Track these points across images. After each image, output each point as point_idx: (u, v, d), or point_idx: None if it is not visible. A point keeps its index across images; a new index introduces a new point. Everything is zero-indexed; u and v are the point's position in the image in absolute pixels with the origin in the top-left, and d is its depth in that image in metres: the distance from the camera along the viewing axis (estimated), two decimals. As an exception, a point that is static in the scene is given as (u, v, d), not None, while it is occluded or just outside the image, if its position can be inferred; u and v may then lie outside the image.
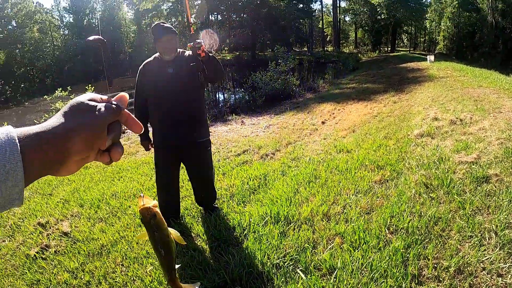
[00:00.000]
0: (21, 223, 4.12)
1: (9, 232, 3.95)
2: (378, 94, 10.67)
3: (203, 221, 3.43)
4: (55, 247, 3.39)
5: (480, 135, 4.62)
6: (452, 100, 7.26)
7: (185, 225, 3.41)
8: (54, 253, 3.29)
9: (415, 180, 3.52)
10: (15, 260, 3.27)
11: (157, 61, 3.14)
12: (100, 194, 4.62)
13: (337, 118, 8.69)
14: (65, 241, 3.48)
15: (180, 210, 3.51)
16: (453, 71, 13.35)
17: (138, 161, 6.21)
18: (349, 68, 23.71)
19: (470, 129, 4.91)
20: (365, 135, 6.12)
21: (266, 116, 9.99)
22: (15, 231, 3.95)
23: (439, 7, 45.54)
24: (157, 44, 3.06)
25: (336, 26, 52.88)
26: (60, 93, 11.42)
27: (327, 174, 4.11)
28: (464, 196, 3.05)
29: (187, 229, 3.33)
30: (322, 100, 11.40)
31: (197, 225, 3.38)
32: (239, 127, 8.78)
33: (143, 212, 0.69)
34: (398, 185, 3.52)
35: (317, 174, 4.18)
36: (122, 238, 3.35)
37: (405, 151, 4.52)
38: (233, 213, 3.51)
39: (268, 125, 8.49)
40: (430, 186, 3.36)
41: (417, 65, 17.70)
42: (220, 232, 3.11)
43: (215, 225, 3.25)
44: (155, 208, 0.70)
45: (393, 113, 7.53)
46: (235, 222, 3.26)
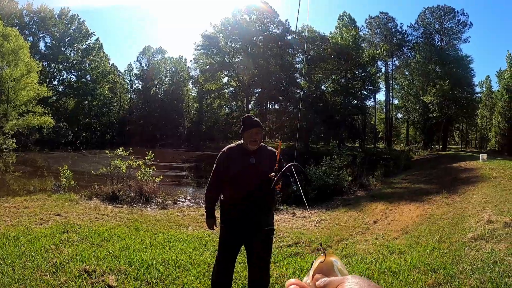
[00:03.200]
0: (66, 264, 4.27)
1: (52, 268, 4.10)
2: (431, 195, 10.59)
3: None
4: (99, 297, 3.45)
5: (536, 239, 4.58)
6: (506, 201, 7.16)
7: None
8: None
9: (469, 284, 3.55)
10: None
11: (240, 148, 3.36)
12: (150, 258, 4.72)
13: (389, 218, 8.69)
14: (110, 294, 3.54)
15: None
16: (507, 169, 13.04)
17: (190, 234, 6.36)
18: (400, 167, 23.60)
19: (526, 232, 4.88)
20: (418, 237, 6.13)
21: (317, 210, 10.11)
22: (59, 269, 4.08)
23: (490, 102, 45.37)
24: (245, 133, 3.28)
25: (388, 122, 53.71)
26: (121, 152, 11.95)
27: (379, 275, 4.15)
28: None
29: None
30: (373, 199, 11.42)
31: (247, 309, 3.43)
32: (290, 218, 8.87)
33: None
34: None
35: (369, 273, 4.23)
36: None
37: (459, 255, 4.53)
38: (283, 302, 3.56)
39: (320, 220, 8.61)
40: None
41: (469, 164, 17.38)
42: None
43: (265, 312, 3.29)
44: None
45: (446, 215, 7.48)
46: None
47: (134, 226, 6.75)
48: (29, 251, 4.69)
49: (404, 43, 51.57)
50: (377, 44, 52.60)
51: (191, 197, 11.90)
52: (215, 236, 6.00)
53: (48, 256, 4.55)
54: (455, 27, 47.05)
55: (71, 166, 13.87)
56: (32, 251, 4.70)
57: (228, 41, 47.29)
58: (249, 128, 3.30)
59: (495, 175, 11.76)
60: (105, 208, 8.61)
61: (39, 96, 31.92)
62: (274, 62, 46.16)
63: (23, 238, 5.33)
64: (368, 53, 47.65)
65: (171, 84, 58.91)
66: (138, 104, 57.93)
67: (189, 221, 7.72)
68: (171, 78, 59.52)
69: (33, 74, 30.82)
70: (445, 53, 45.03)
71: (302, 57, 44.50)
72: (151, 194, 10.29)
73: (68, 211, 7.75)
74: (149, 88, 56.94)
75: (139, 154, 12.91)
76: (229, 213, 3.38)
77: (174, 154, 37.39)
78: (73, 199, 9.28)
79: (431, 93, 40.28)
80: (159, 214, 8.37)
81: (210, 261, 4.69)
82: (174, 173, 21.87)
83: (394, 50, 52.20)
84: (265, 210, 3.36)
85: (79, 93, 48.24)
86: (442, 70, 42.77)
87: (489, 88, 50.53)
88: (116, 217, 7.64)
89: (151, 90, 57.22)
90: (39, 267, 4.17)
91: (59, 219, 6.90)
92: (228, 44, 47.46)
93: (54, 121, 33.99)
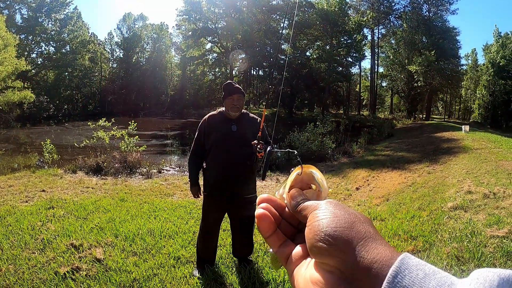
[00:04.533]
0: (53, 240, 4.33)
1: (40, 245, 4.16)
2: (413, 164, 10.81)
3: (237, 271, 3.60)
4: (86, 270, 3.54)
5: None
6: (486, 173, 7.37)
7: (219, 273, 3.56)
8: (85, 276, 3.44)
9: (447, 252, 3.68)
10: (43, 274, 3.45)
11: (222, 116, 3.39)
12: (135, 228, 4.81)
13: (371, 185, 8.89)
14: (97, 267, 3.63)
15: (215, 258, 3.70)
16: (488, 142, 13.35)
17: (175, 203, 6.45)
18: (384, 135, 23.92)
19: (503, 203, 5.03)
20: (399, 204, 6.30)
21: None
22: (47, 246, 4.15)
23: (475, 75, 45.89)
24: (226, 100, 3.32)
25: (373, 90, 53.98)
26: (104, 123, 11.65)
27: (361, 241, 4.29)
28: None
29: (221, 277, 3.49)
30: (356, 166, 11.63)
31: (231, 274, 3.55)
32: (274, 184, 8.98)
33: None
34: (430, 256, 3.70)
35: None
36: (155, 275, 3.51)
37: (438, 223, 4.68)
38: (267, 267, 3.62)
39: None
40: (461, 259, 3.52)
41: (452, 135, 17.71)
42: (254, 285, 3.28)
43: (249, 277, 3.42)
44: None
45: (427, 183, 7.68)
46: (269, 276, 3.43)
47: (119, 197, 6.75)
48: (16, 230, 4.70)
49: (391, 11, 51.06)
50: (364, 12, 51.93)
51: (176, 165, 11.89)
52: (200, 204, 6.04)
53: (35, 234, 4.56)
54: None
55: (54, 140, 13.63)
56: (19, 230, 4.71)
57: (211, 6, 45.93)
58: (230, 94, 3.30)
59: (476, 146, 12.03)
60: (89, 180, 8.56)
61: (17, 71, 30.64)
62: (258, 28, 45.28)
63: (9, 217, 5.31)
64: (354, 21, 47.00)
65: (153, 52, 57.49)
66: (119, 73, 56.52)
67: (173, 189, 7.78)
68: (153, 45, 58.02)
69: (10, 48, 29.46)
70: (432, 24, 44.71)
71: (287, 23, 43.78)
72: (135, 164, 10.25)
73: (52, 187, 7.68)
74: (130, 56, 55.47)
75: (122, 124, 12.72)
76: (211, 181, 3.41)
77: (157, 122, 37.02)
78: (57, 174, 9.18)
79: (416, 62, 40.33)
80: (144, 184, 8.38)
81: (195, 229, 4.78)
82: (158, 142, 21.75)
83: (381, 18, 51.71)
84: (247, 177, 3.38)
85: (58, 65, 46.47)
86: (429, 41, 42.66)
87: (474, 61, 50.85)
88: (101, 189, 7.62)
89: (132, 58, 55.80)
90: (27, 245, 4.19)
91: (44, 195, 6.84)
92: (211, 9, 46.12)
93: (35, 95, 32.90)
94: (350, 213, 0.39)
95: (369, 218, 0.40)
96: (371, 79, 55.99)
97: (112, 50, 58.34)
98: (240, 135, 3.33)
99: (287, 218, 0.48)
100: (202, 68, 55.94)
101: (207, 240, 3.54)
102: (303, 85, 44.33)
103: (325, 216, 0.39)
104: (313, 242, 0.39)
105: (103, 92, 53.40)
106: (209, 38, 48.38)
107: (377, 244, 0.36)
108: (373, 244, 0.36)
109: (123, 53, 56.43)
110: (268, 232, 0.46)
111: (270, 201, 0.48)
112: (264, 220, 0.46)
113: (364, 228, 0.38)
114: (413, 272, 0.32)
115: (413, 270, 0.32)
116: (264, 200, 0.48)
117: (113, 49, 58.24)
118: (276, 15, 46.72)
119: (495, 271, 0.30)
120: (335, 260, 0.36)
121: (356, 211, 0.41)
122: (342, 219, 0.38)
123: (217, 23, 47.16)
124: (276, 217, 0.48)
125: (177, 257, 3.95)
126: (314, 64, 45.25)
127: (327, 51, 45.11)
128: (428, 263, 0.34)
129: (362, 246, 0.36)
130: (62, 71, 47.84)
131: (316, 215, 0.40)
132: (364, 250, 0.35)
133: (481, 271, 0.31)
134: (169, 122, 38.40)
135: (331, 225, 0.38)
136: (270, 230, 0.46)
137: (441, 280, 0.31)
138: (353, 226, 0.38)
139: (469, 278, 0.31)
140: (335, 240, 0.37)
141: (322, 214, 0.40)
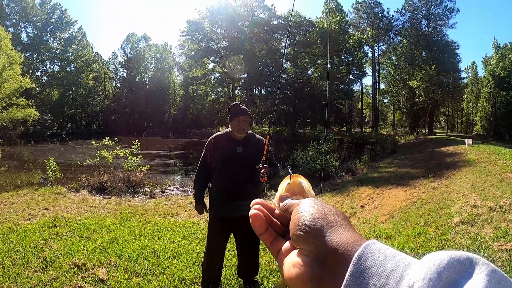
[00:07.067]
0: (56, 259, 4.28)
1: (42, 264, 4.12)
2: (417, 179, 10.74)
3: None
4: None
5: (519, 222, 4.69)
6: (491, 186, 7.31)
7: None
8: (88, 296, 3.37)
9: (455, 268, 3.62)
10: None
11: (228, 136, 3.42)
12: (139, 248, 4.77)
13: (376, 202, 8.81)
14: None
15: (221, 278, 3.65)
16: (492, 154, 13.27)
17: (179, 223, 6.41)
18: (387, 151, 23.86)
19: (510, 216, 4.97)
20: (405, 221, 6.24)
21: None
22: (49, 265, 4.10)
23: (476, 87, 46.08)
24: (233, 121, 3.34)
25: (375, 107, 54.14)
26: (107, 142, 11.60)
27: (367, 259, 4.24)
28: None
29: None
30: (360, 183, 11.55)
31: (237, 296, 3.49)
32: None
33: None
34: (438, 273, 3.64)
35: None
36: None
37: (445, 239, 4.63)
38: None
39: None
40: (469, 275, 3.47)
41: (455, 149, 17.63)
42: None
43: (255, 299, 3.36)
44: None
45: (432, 199, 7.61)
46: (274, 297, 3.42)
47: (123, 217, 6.72)
48: (19, 248, 4.67)
49: (390, 28, 51.63)
50: (364, 29, 52.59)
51: (179, 185, 11.84)
52: (204, 224, 6.02)
53: (38, 252, 4.53)
54: (442, 12, 47.14)
55: (57, 158, 13.64)
56: (21, 248, 4.67)
57: (214, 27, 46.72)
58: (236, 115, 3.33)
59: (480, 159, 11.96)
60: (92, 199, 8.54)
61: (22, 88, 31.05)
62: (260, 47, 45.84)
63: (11, 234, 5.29)
64: (355, 38, 47.61)
65: (156, 72, 58.00)
66: (123, 93, 57.00)
67: (177, 209, 7.74)
68: (156, 65, 58.56)
69: (16, 66, 29.92)
70: (431, 39, 45.28)
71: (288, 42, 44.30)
72: (138, 184, 10.22)
73: (55, 205, 7.66)
74: (134, 76, 55.97)
75: (126, 143, 12.76)
76: (216, 201, 3.42)
77: (161, 142, 37.13)
78: (60, 192, 9.16)
79: (417, 78, 40.63)
80: (147, 204, 8.35)
81: (200, 249, 4.73)
82: (162, 161, 21.68)
83: (381, 35, 52.28)
84: (251, 197, 3.35)
85: (63, 83, 47.16)
86: (429, 56, 43.12)
87: (475, 73, 51.23)
88: (104, 209, 7.59)
89: (136, 78, 56.29)
90: (29, 264, 4.15)
91: (47, 214, 6.83)
92: (214, 29, 46.90)
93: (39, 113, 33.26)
94: (325, 207, 0.47)
95: (342, 212, 0.47)
96: (372, 95, 56.22)
97: (115, 69, 58.98)
98: (245, 156, 3.35)
99: (278, 218, 0.56)
100: (204, 88, 56.44)
101: (213, 260, 3.51)
102: (305, 103, 44.52)
103: (304, 210, 0.47)
104: (293, 232, 0.46)
105: (106, 111, 53.80)
106: (212, 58, 49.00)
107: (344, 231, 0.43)
108: (341, 230, 0.43)
109: (126, 72, 56.98)
110: (261, 230, 0.54)
111: (262, 204, 0.56)
112: (257, 219, 0.54)
113: (335, 218, 0.45)
114: (375, 255, 0.37)
115: (375, 253, 0.38)
116: (257, 203, 0.56)
117: (116, 69, 58.87)
118: (277, 34, 47.32)
119: (448, 252, 0.34)
120: (310, 245, 0.43)
121: (331, 206, 0.48)
122: (317, 212, 0.46)
123: (219, 43, 47.83)
124: (268, 216, 0.55)
125: (181, 278, 3.90)
126: (316, 82, 45.58)
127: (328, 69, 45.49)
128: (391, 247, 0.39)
129: (331, 232, 0.43)
130: (66, 90, 48.57)
131: (297, 210, 0.48)
132: (333, 235, 0.42)
133: (436, 252, 0.35)
134: (172, 141, 38.55)
135: (308, 217, 0.45)
136: (263, 228, 0.54)
137: (400, 261, 0.36)
138: (326, 217, 0.45)
139: (424, 258, 0.35)
140: (310, 229, 0.44)
141: (302, 209, 0.47)
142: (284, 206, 0.53)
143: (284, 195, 0.56)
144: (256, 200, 0.57)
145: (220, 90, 57.54)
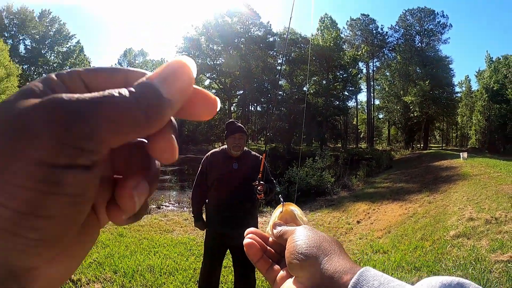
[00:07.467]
0: None
1: None
2: (413, 194, 10.77)
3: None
4: (84, 306, 3.39)
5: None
6: (487, 198, 7.34)
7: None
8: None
9: (452, 282, 3.61)
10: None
11: (224, 153, 3.44)
12: (135, 264, 4.73)
13: (372, 218, 8.81)
14: (95, 303, 3.50)
15: None
16: (487, 167, 13.37)
17: (175, 239, 6.39)
18: (382, 167, 23.91)
19: (506, 228, 5.00)
20: (401, 236, 6.24)
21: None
22: None
23: (470, 101, 46.54)
24: (229, 138, 3.37)
25: (370, 123, 54.41)
26: None
27: (364, 274, 4.22)
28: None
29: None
30: (356, 199, 11.56)
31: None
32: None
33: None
34: (435, 287, 3.62)
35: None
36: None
37: (442, 252, 4.63)
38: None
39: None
40: None
41: (450, 163, 17.71)
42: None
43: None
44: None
45: (428, 213, 7.62)
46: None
47: (118, 232, 6.66)
48: (10, 262, 4.58)
49: (385, 44, 52.45)
50: (358, 46, 53.26)
51: (175, 201, 11.81)
52: (200, 240, 5.98)
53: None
54: (435, 28, 48.17)
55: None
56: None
57: (210, 43, 47.15)
58: (232, 133, 3.36)
59: (475, 173, 12.02)
60: (87, 215, 8.45)
61: (19, 101, 31.18)
62: (256, 64, 46.24)
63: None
64: (349, 55, 48.15)
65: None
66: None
67: (173, 226, 7.70)
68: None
69: (13, 78, 29.95)
70: (425, 54, 46.05)
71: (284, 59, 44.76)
72: (134, 199, 10.14)
73: (49, 220, 7.57)
74: (130, 91, 56.26)
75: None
76: (213, 217, 3.43)
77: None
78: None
79: (411, 93, 41.08)
80: (143, 219, 8.27)
81: (196, 265, 4.70)
82: (157, 177, 21.55)
83: (375, 51, 52.98)
84: (248, 214, 3.41)
85: (59, 97, 47.33)
86: (423, 71, 43.71)
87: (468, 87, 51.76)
88: (99, 224, 7.51)
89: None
90: (23, 279, 4.07)
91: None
92: (210, 46, 47.32)
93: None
94: (319, 236, 0.48)
95: (336, 239, 0.49)
96: (367, 111, 56.62)
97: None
98: (241, 173, 3.37)
99: (272, 246, 0.57)
100: (200, 103, 56.46)
101: (209, 276, 3.50)
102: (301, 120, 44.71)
103: (299, 238, 0.48)
104: (289, 260, 0.47)
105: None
106: (208, 74, 49.27)
107: (339, 258, 0.44)
108: (336, 258, 0.44)
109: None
110: (256, 258, 0.55)
111: (255, 232, 0.58)
112: (251, 248, 0.55)
113: (330, 246, 0.46)
114: (370, 281, 0.38)
115: (370, 280, 0.38)
116: (251, 232, 0.58)
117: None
118: (273, 51, 47.81)
119: (440, 278, 0.35)
120: (306, 273, 0.44)
121: (326, 234, 0.50)
122: (312, 240, 0.47)
123: (216, 59, 48.18)
124: (262, 245, 0.57)
125: (177, 294, 3.86)
126: (311, 99, 45.85)
127: (323, 86, 45.88)
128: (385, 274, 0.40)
129: (326, 260, 0.44)
130: (63, 104, 48.46)
131: (293, 238, 0.49)
132: (328, 263, 0.43)
133: (428, 278, 0.36)
134: (168, 157, 38.37)
135: (303, 246, 0.46)
136: (257, 255, 0.55)
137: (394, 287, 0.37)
138: (321, 245, 0.46)
139: (416, 284, 0.36)
140: (306, 257, 0.45)
141: (297, 237, 0.49)
142: (279, 232, 0.54)
143: (278, 223, 0.58)
144: (250, 229, 0.59)
145: (216, 106, 57.78)
